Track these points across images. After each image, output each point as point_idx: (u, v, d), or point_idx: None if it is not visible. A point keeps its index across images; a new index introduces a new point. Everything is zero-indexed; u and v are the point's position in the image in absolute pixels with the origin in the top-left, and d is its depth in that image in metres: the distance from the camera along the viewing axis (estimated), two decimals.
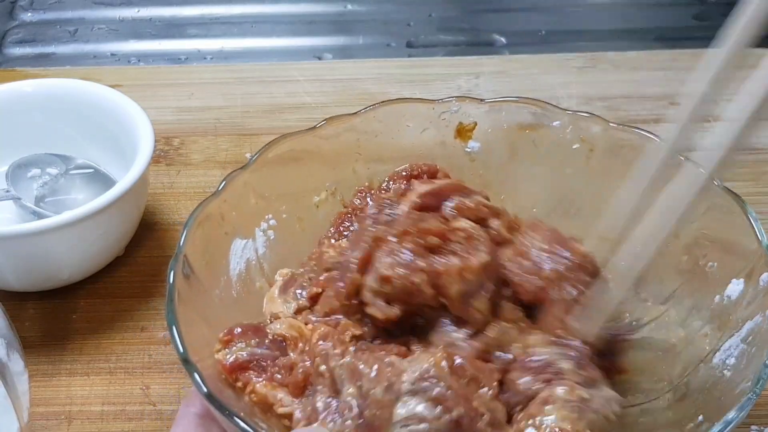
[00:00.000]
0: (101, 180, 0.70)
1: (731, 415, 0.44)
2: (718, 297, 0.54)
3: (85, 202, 0.62)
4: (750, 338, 0.50)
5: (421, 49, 0.97)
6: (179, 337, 0.47)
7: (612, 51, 0.90)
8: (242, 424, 0.44)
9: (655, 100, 0.83)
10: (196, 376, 0.45)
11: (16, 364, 0.53)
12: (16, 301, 0.64)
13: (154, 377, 0.61)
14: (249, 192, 0.57)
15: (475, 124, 0.62)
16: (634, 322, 0.56)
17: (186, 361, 0.46)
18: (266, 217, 0.58)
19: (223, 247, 0.56)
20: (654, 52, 0.91)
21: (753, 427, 0.57)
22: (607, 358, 0.51)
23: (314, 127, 0.60)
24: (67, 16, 1.02)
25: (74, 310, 0.65)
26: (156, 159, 0.76)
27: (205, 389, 0.45)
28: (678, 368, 0.54)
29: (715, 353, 0.52)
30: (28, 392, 0.53)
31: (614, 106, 0.82)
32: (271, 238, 0.58)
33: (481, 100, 0.62)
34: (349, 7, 1.03)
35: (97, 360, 0.62)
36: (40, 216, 0.65)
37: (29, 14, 1.03)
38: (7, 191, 0.68)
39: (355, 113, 0.61)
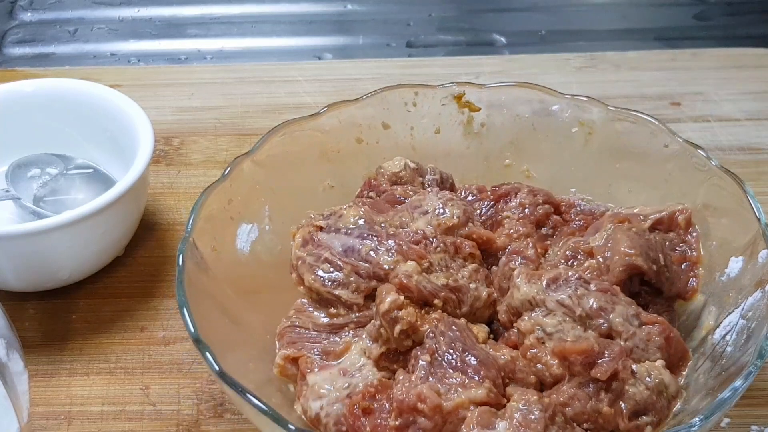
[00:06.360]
0: (101, 180, 0.70)
1: (737, 383, 0.46)
2: (717, 275, 0.55)
3: (84, 202, 0.62)
4: (749, 314, 0.51)
5: (421, 49, 0.97)
6: (190, 317, 0.49)
7: (612, 51, 0.90)
8: (254, 400, 0.45)
9: (655, 100, 0.83)
10: (208, 354, 0.47)
11: (16, 364, 0.53)
12: (16, 301, 0.64)
13: (154, 377, 0.61)
14: (254, 176, 0.59)
15: (479, 108, 0.64)
16: None
17: (198, 340, 0.48)
18: (271, 201, 0.60)
19: (230, 230, 0.57)
20: (654, 52, 0.91)
21: (753, 426, 0.57)
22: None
23: (316, 113, 0.62)
24: (67, 16, 1.02)
25: (74, 310, 0.65)
26: (156, 159, 0.76)
27: (217, 367, 0.47)
28: None
29: (716, 329, 0.53)
30: (27, 392, 0.53)
31: (614, 106, 0.82)
32: (277, 222, 0.60)
33: (482, 86, 0.64)
34: (349, 7, 1.03)
35: (96, 360, 0.62)
36: (39, 216, 0.65)
37: (29, 14, 1.03)
38: (7, 191, 0.68)
39: (356, 99, 0.62)
